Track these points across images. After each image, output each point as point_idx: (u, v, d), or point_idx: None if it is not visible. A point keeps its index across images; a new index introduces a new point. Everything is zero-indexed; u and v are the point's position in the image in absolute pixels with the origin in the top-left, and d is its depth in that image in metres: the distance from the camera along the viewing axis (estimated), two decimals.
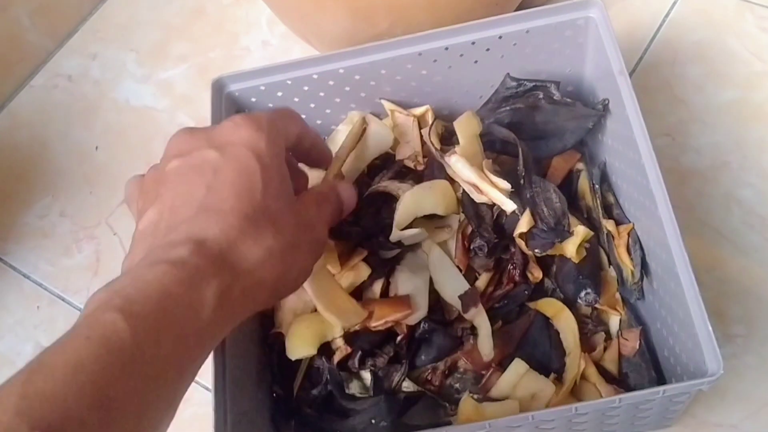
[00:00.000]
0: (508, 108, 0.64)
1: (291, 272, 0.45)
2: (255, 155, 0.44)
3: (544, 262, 0.62)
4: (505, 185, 0.58)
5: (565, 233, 0.59)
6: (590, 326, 0.61)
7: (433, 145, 0.63)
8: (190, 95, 0.89)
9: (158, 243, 0.41)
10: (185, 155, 0.45)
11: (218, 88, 0.64)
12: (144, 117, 0.89)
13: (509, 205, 0.58)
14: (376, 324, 0.58)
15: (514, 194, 0.58)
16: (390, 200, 0.62)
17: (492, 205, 0.60)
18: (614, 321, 0.62)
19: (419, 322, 0.59)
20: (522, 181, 0.59)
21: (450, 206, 0.61)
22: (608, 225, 0.61)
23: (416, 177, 0.64)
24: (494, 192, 0.58)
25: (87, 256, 0.80)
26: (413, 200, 0.60)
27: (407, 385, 0.59)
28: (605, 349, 0.61)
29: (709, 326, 0.49)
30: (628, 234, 0.61)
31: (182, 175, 0.44)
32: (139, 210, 0.45)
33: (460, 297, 0.59)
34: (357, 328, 0.58)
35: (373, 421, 0.57)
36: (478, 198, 0.59)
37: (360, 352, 0.59)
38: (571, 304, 0.61)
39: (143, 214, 0.44)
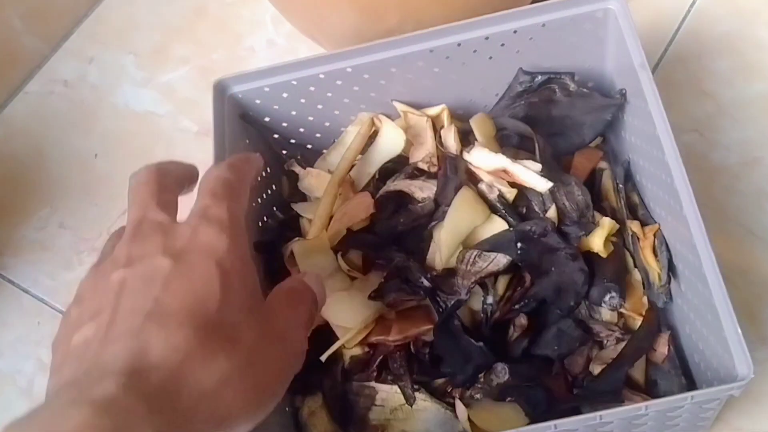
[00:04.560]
0: (522, 103, 0.65)
1: (253, 400, 0.40)
2: (215, 261, 0.41)
3: None
4: (536, 166, 0.59)
5: (591, 225, 0.60)
6: (617, 334, 0.61)
7: (449, 148, 0.64)
8: (193, 99, 0.90)
9: (87, 366, 0.37)
10: (134, 264, 0.41)
11: (220, 90, 0.65)
12: (145, 122, 0.90)
13: (543, 184, 0.58)
14: (395, 338, 0.59)
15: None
16: (405, 201, 0.62)
17: None
18: None
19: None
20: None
21: (484, 211, 0.60)
22: (633, 226, 0.62)
23: (430, 179, 0.64)
24: (526, 173, 0.59)
25: (89, 269, 0.81)
26: (452, 231, 0.59)
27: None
28: None
29: (737, 328, 0.49)
30: (654, 235, 0.61)
31: (128, 288, 0.40)
32: (71, 320, 0.41)
33: None
34: (374, 340, 0.59)
35: None
36: (508, 191, 0.60)
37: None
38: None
39: (79, 327, 0.40)
